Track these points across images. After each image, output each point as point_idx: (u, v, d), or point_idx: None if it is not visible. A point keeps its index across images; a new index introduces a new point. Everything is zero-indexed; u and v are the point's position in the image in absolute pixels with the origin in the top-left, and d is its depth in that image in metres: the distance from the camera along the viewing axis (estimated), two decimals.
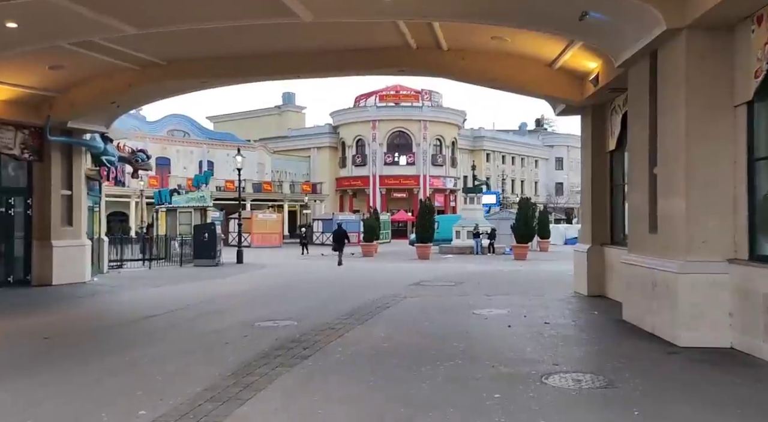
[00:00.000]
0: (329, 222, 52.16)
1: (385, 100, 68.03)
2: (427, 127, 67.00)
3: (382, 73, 13.51)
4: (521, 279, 16.99)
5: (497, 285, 15.45)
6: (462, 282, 16.06)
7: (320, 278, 18.56)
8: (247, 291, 14.82)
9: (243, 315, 10.93)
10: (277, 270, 21.71)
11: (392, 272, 21.03)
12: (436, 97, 69.99)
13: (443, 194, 67.74)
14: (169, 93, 14.93)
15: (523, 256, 30.86)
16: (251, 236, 47.89)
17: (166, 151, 57.37)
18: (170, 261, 23.24)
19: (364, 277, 18.90)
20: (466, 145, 75.38)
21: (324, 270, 21.62)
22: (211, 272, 19.99)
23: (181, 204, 25.99)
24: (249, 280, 17.76)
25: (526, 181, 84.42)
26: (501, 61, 12.21)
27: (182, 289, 15.33)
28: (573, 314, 10.52)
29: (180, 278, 17.84)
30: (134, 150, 18.94)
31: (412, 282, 16.39)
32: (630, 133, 9.30)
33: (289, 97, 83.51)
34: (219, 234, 23.05)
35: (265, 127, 77.36)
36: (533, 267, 23.01)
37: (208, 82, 14.00)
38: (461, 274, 19.06)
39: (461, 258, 30.90)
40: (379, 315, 10.81)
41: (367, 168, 66.53)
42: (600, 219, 12.41)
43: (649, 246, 8.40)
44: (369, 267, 24.10)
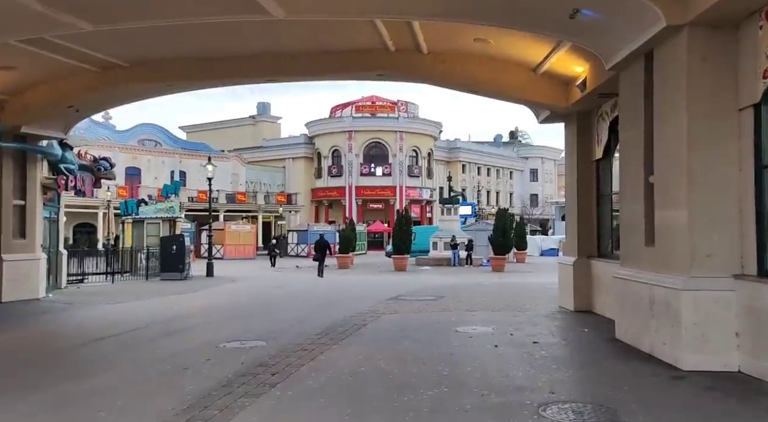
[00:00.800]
0: (304, 234, 51.31)
1: (361, 111, 67.60)
2: (404, 137, 66.68)
3: (359, 76, 12.88)
4: (503, 293, 16.39)
5: (479, 299, 14.82)
6: (442, 296, 15.40)
7: (294, 292, 17.72)
8: (215, 308, 13.93)
9: (208, 334, 10.09)
10: (249, 283, 20.80)
11: (369, 285, 20.29)
12: (413, 108, 69.83)
13: (419, 205, 67.33)
14: (133, 97, 14.06)
15: (501, 268, 30.40)
16: (224, 248, 46.79)
17: (137, 161, 55.96)
18: (136, 275, 22.15)
19: (340, 291, 18.13)
20: (442, 156, 75.23)
21: (298, 284, 20.78)
22: (179, 286, 18.99)
23: (148, 215, 24.88)
24: (218, 295, 16.85)
25: (502, 192, 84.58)
26: (483, 66, 11.66)
27: (145, 306, 14.36)
28: (562, 332, 9.91)
29: (144, 293, 16.83)
30: (96, 158, 17.94)
31: (389, 296, 15.67)
32: (622, 140, 8.78)
33: (264, 108, 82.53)
34: (188, 246, 22.04)
35: (239, 138, 76.17)
36: (513, 280, 22.47)
37: (175, 85, 13.18)
38: (440, 287, 18.41)
39: (439, 270, 30.30)
40: (355, 333, 10.06)
41: (343, 178, 65.86)
42: (586, 230, 11.87)
43: (645, 260, 7.84)
44: (345, 280, 23.31)
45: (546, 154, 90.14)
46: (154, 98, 14.92)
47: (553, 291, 16.45)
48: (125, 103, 14.59)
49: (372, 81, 14.02)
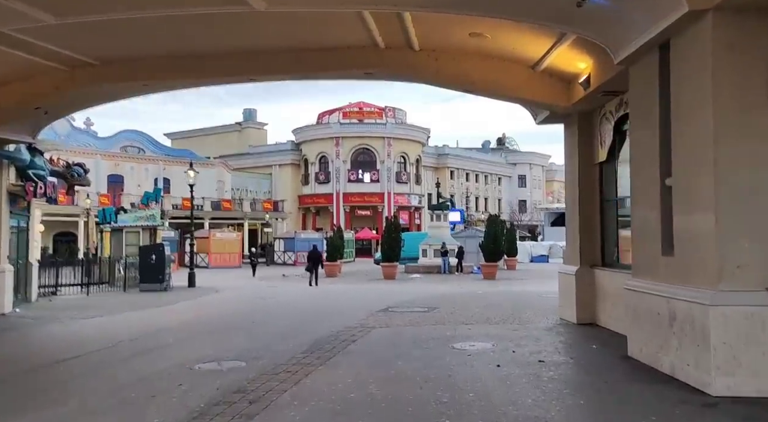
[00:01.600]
0: (291, 241, 50.41)
1: (348, 117, 66.90)
2: (392, 144, 66.05)
3: (346, 75, 12.14)
4: (498, 303, 15.65)
5: (474, 310, 14.05)
6: (435, 308, 14.62)
7: (279, 303, 16.87)
8: (194, 322, 13.04)
9: (183, 353, 9.23)
10: (233, 294, 19.89)
11: (358, 295, 19.47)
12: (400, 114, 69.29)
13: (408, 211, 66.65)
14: (106, 97, 13.18)
15: (493, 275, 29.72)
16: (209, 256, 45.80)
17: (119, 168, 54.84)
18: (114, 287, 21.15)
19: (327, 302, 17.30)
20: (431, 162, 74.69)
21: (283, 294, 19.91)
22: (158, 298, 18.05)
23: (128, 223, 23.89)
24: (199, 307, 15.95)
25: (490, 199, 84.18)
26: (479, 63, 10.95)
27: (119, 321, 13.44)
28: (568, 348, 9.17)
29: (120, 306, 15.89)
30: (69, 163, 17.00)
31: (379, 307, 14.87)
32: (633, 141, 8.09)
33: (251, 114, 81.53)
34: (168, 255, 21.09)
35: (225, 145, 75.10)
36: (506, 288, 21.76)
37: (149, 85, 12.34)
38: (432, 297, 17.65)
39: (429, 278, 29.55)
40: (344, 351, 9.25)
41: (331, 185, 65.04)
42: (589, 238, 11.16)
43: (662, 271, 7.12)
44: (332, 289, 22.47)
45: (534, 160, 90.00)
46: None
47: (550, 300, 15.77)
48: (97, 104, 13.72)
49: (360, 81, 13.29)
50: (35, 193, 14.37)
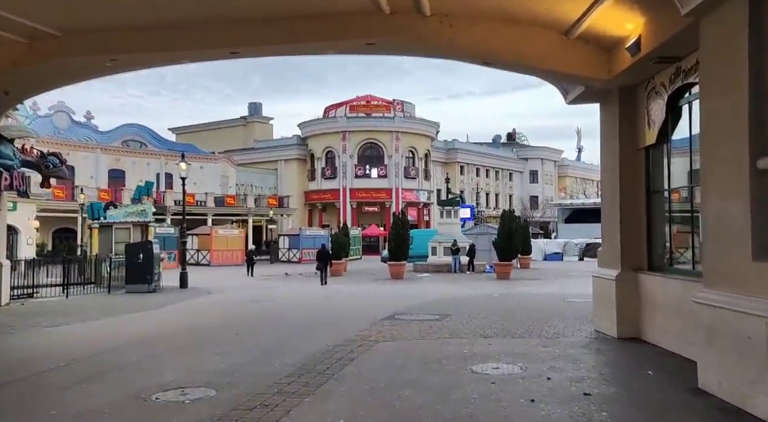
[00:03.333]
0: (296, 238, 48.87)
1: (355, 111, 65.23)
2: (400, 138, 64.34)
3: (344, 47, 10.44)
4: (518, 309, 13.92)
5: (491, 318, 12.33)
6: (447, 315, 12.92)
7: (274, 308, 15.22)
8: (172, 332, 11.41)
9: (145, 377, 7.60)
10: (226, 297, 18.27)
11: (361, 298, 17.81)
12: (409, 108, 67.52)
13: (416, 208, 64.96)
14: (72, 75, 11.56)
15: (507, 275, 27.98)
16: (211, 253, 44.36)
17: (120, 163, 53.48)
18: (100, 287, 19.56)
19: (327, 306, 15.63)
20: (440, 157, 72.92)
21: (281, 297, 18.27)
22: (143, 301, 16.47)
23: (117, 219, 22.37)
24: (184, 313, 14.33)
25: (501, 194, 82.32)
26: (501, 30, 9.23)
27: (88, 330, 11.85)
28: (617, 375, 7.42)
29: (97, 311, 14.31)
30: (44, 153, 15.42)
31: (385, 314, 13.19)
32: (706, 113, 6.32)
33: (256, 108, 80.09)
34: (157, 254, 19.51)
35: (230, 139, 73.72)
36: (524, 290, 20.02)
37: (120, 60, 10.71)
38: (444, 301, 15.95)
39: (439, 278, 27.85)
40: (338, 375, 7.58)
41: (337, 181, 63.46)
42: (633, 236, 9.40)
43: (755, 282, 5.40)
44: (335, 290, 20.83)
45: (546, 154, 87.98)
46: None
47: (577, 306, 14.07)
48: (64, 83, 12.09)
49: (360, 54, 11.57)
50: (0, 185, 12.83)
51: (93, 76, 11.84)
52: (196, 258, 45.41)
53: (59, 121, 52.39)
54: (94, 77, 11.90)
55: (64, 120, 52.85)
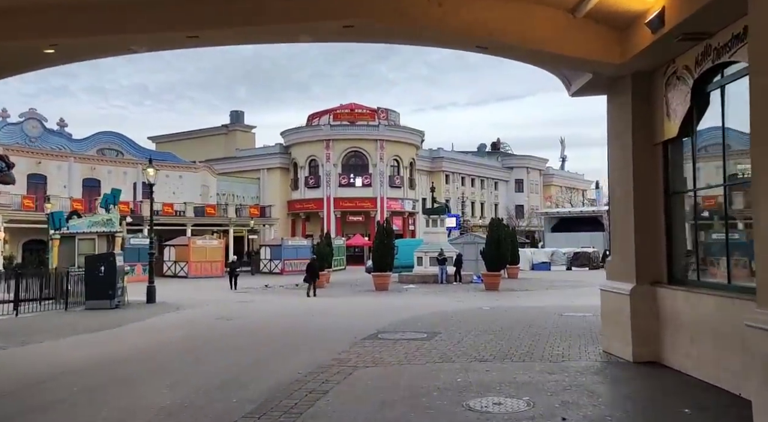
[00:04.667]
0: (278, 249, 47.42)
1: (339, 119, 64.04)
2: (384, 146, 63.24)
3: (319, 32, 9.04)
4: (513, 325, 12.65)
5: (486, 337, 11.05)
6: (437, 333, 11.60)
7: (244, 326, 13.79)
8: (122, 358, 9.94)
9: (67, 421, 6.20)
10: (195, 313, 16.78)
11: (342, 313, 16.44)
12: (393, 116, 66.55)
13: (401, 217, 63.76)
14: (10, 65, 10.13)
15: (496, 286, 26.80)
16: (189, 265, 42.73)
17: (95, 172, 51.65)
18: (59, 304, 17.93)
19: (304, 324, 14.22)
20: (425, 166, 71.91)
21: (255, 312, 16.82)
22: (101, 319, 14.93)
23: (80, 229, 20.79)
24: (142, 334, 12.83)
25: (487, 204, 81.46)
26: (498, 8, 8.01)
27: (24, 355, 10.32)
28: (648, 415, 6.14)
29: (45, 332, 12.78)
30: None
31: (367, 332, 11.85)
32: (756, 92, 5.10)
33: (238, 116, 78.65)
34: (120, 266, 17.97)
35: (212, 148, 72.15)
36: (516, 303, 18.80)
37: (58, 47, 9.31)
38: (431, 316, 14.65)
39: (425, 289, 26.59)
40: (308, 413, 6.23)
41: (321, 190, 62.11)
42: (650, 244, 8.16)
43: None
44: (316, 304, 19.45)
45: (531, 163, 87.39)
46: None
47: (574, 320, 12.89)
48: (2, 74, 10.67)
49: (337, 41, 10.28)
50: None
51: (34, 66, 10.39)
52: (174, 270, 43.72)
53: (30, 129, 50.50)
54: (35, 67, 10.45)
55: (35, 127, 50.98)
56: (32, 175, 47.22)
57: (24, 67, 10.44)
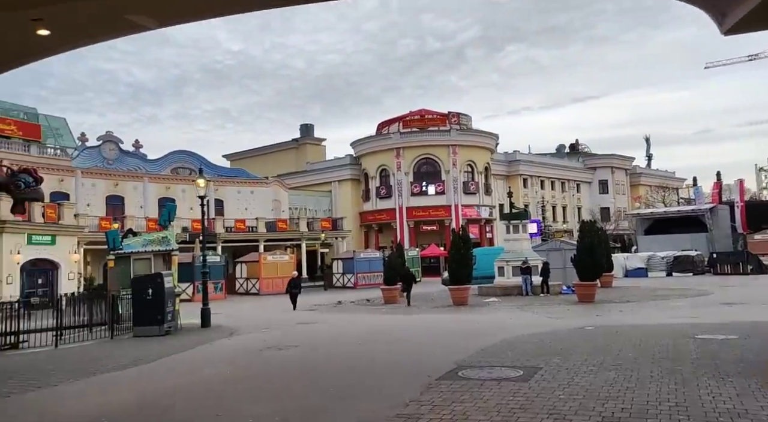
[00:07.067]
0: (350, 262, 45.67)
1: (409, 126, 61.96)
2: (457, 152, 60.53)
3: None
4: (637, 355, 9.69)
5: (604, 374, 8.22)
6: (536, 368, 8.88)
7: (291, 362, 11.46)
8: (123, 413, 7.87)
9: None
10: (246, 340, 14.70)
11: (416, 336, 13.92)
12: (465, 120, 63.61)
13: (478, 224, 60.56)
14: (4, 52, 8.46)
15: (591, 298, 23.50)
16: (260, 282, 41.66)
17: (170, 191, 51.81)
18: (117, 331, 16.34)
19: (368, 354, 11.78)
20: (501, 170, 68.49)
21: (315, 338, 14.57)
22: (140, 350, 13.15)
23: (135, 248, 19.48)
24: (177, 370, 10.81)
25: (569, 207, 76.71)
26: None
27: (12, 409, 8.48)
28: None
29: (66, 369, 11.02)
30: (14, 171, 12.51)
31: (444, 367, 9.29)
32: None
33: (308, 130, 78.30)
34: (169, 288, 16.31)
35: (283, 163, 72.25)
36: (623, 320, 15.63)
37: (53, 27, 7.49)
38: (524, 341, 11.88)
39: (510, 303, 23.66)
40: None
41: (393, 200, 60.14)
42: None
43: None
44: (386, 324, 17.04)
45: (616, 162, 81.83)
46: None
47: (719, 346, 9.81)
48: None
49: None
50: None
51: (33, 54, 8.61)
52: (246, 287, 42.82)
53: (108, 152, 51.56)
54: (35, 56, 8.69)
55: (112, 150, 52.02)
56: (110, 196, 47.91)
57: (23, 56, 8.74)
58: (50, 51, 8.57)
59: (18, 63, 8.80)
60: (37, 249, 32.20)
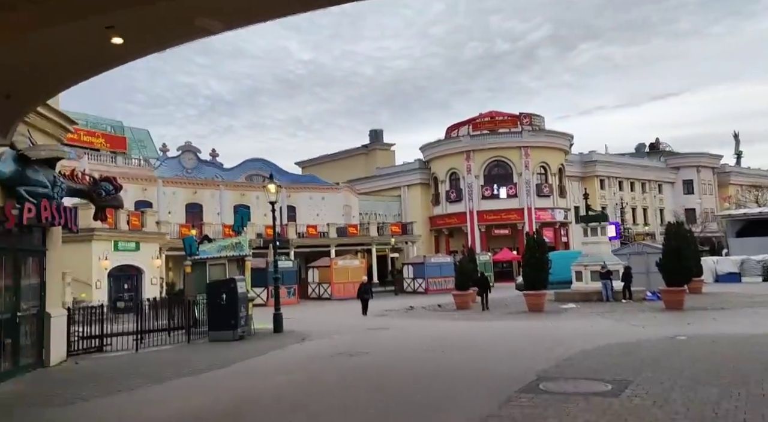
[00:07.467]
0: (420, 267, 45.33)
1: (479, 128, 60.97)
2: (529, 153, 58.96)
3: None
4: (741, 368, 8.76)
5: (706, 390, 7.43)
6: (625, 382, 8.16)
7: (361, 370, 11.17)
8: (209, 412, 7.82)
9: None
10: (317, 346, 14.58)
11: (490, 345, 13.35)
12: (537, 121, 61.91)
13: (552, 228, 58.66)
14: (74, 65, 8.62)
15: (679, 304, 22.03)
16: (332, 286, 42.02)
17: (244, 198, 53.25)
18: (189, 334, 16.69)
19: (440, 363, 11.33)
20: (576, 171, 66.12)
21: (382, 346, 14.25)
22: (214, 355, 13.27)
23: (210, 254, 19.91)
24: (244, 378, 10.71)
25: (650, 209, 73.00)
26: None
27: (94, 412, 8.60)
28: None
29: (144, 373, 11.24)
30: (96, 179, 12.96)
31: (523, 378, 8.73)
32: None
33: (377, 135, 78.59)
34: (242, 293, 16.48)
35: (353, 169, 72.87)
36: (719, 329, 14.39)
37: (126, 35, 7.59)
38: (610, 351, 11.09)
39: (589, 309, 22.52)
40: None
41: (463, 204, 59.30)
42: None
43: None
44: (459, 331, 16.52)
45: (702, 161, 77.23)
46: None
47: None
48: (69, 79, 9.22)
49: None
50: (20, 218, 10.29)
51: (106, 63, 8.88)
52: (318, 292, 43.29)
53: (187, 161, 53.66)
54: (108, 65, 8.95)
55: (191, 159, 54.11)
56: (190, 204, 49.73)
57: (98, 65, 8.94)
58: (122, 59, 8.71)
59: (94, 72, 9.01)
60: (123, 256, 33.73)
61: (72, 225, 11.85)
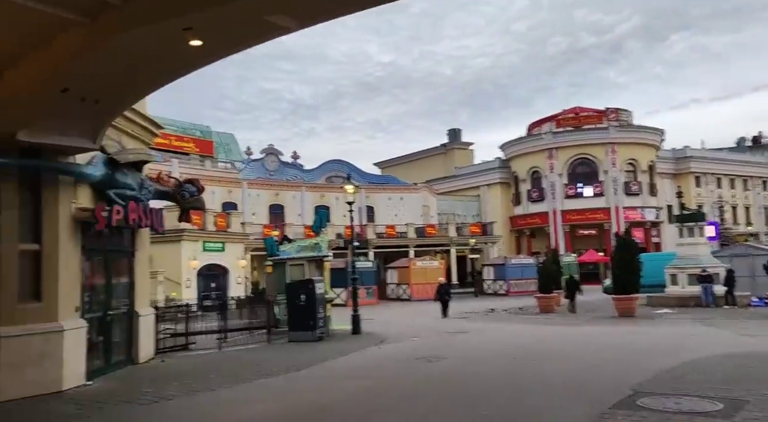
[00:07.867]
0: (501, 268, 44.25)
1: (562, 125, 58.87)
2: (616, 150, 56.28)
3: None
4: None
5: None
6: (739, 402, 7.28)
7: (439, 376, 10.74)
8: (284, 418, 7.66)
9: None
10: (396, 349, 14.22)
11: (577, 352, 12.53)
12: (625, 116, 58.99)
13: (642, 228, 55.60)
14: (154, 70, 8.74)
15: None
16: (410, 287, 41.72)
17: (324, 199, 54.01)
18: (269, 334, 16.89)
19: (523, 371, 10.69)
20: (668, 168, 62.45)
21: (462, 351, 13.72)
22: (292, 357, 13.24)
23: (290, 255, 20.12)
24: (318, 383, 10.48)
25: (753, 207, 67.74)
26: None
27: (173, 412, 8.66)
28: None
29: (225, 373, 11.34)
30: (180, 181, 13.28)
31: (617, 392, 8.01)
32: None
33: (455, 134, 77.66)
34: (320, 294, 16.45)
35: (431, 169, 72.39)
36: None
37: (196, 30, 7.58)
38: (717, 364, 10.07)
39: (686, 315, 20.98)
40: None
41: (546, 203, 57.44)
42: None
43: None
44: (541, 337, 15.72)
45: None
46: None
47: None
48: (152, 83, 9.39)
49: None
50: (109, 220, 10.65)
51: (186, 66, 8.95)
52: (396, 292, 43.18)
53: (269, 163, 55.08)
54: (187, 68, 9.03)
55: (274, 161, 55.48)
56: (272, 205, 50.99)
57: (178, 68, 9.04)
58: (201, 61, 8.75)
59: (176, 75, 9.13)
60: (210, 256, 35.01)
61: (158, 226, 12.18)
